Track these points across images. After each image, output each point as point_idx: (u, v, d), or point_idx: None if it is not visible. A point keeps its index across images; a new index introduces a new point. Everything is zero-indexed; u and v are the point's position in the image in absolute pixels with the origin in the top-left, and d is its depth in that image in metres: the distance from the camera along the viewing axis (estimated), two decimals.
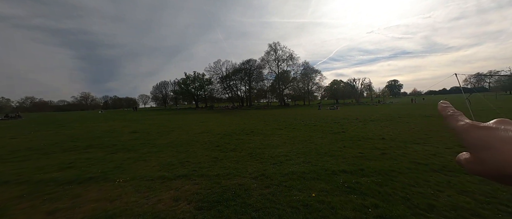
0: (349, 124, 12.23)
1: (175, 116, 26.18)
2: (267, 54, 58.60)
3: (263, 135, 9.07)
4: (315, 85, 61.26)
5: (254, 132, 9.90)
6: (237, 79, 61.28)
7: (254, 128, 11.76)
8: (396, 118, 14.07)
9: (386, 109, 24.59)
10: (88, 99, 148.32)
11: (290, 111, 30.40)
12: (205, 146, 6.97)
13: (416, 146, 5.97)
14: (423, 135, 7.51)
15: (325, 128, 10.67)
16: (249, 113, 27.65)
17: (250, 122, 15.16)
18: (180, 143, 7.61)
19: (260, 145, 6.75)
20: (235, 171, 4.28)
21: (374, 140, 6.93)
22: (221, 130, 11.29)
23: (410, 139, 6.88)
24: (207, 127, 13.04)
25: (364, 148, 5.93)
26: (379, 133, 8.33)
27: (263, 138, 8.23)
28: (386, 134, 8.15)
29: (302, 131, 9.96)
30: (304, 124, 12.68)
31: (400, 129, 9.19)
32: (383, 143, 6.44)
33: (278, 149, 6.10)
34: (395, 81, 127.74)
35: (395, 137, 7.32)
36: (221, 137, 8.76)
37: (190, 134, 9.92)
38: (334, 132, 9.02)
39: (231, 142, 7.51)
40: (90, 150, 6.89)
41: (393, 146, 5.99)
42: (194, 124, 15.34)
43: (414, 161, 4.54)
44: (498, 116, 0.33)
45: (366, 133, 8.44)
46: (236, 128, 11.75)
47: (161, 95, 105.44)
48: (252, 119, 18.28)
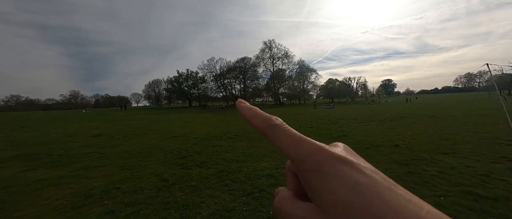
0: (349, 125, 10.77)
1: (162, 116, 24.25)
2: (262, 51, 57.01)
3: (249, 140, 7.46)
4: (311, 84, 60.16)
5: (239, 136, 8.27)
6: (231, 77, 59.43)
7: (241, 130, 10.14)
8: (399, 119, 12.72)
9: (384, 109, 23.40)
10: (77, 97, 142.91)
11: (285, 110, 28.91)
12: (167, 157, 5.29)
13: (446, 158, 4.47)
14: (443, 141, 6.06)
15: (323, 130, 9.15)
16: None
17: (239, 123, 13.53)
18: (138, 152, 5.90)
19: (240, 156, 5.14)
20: (177, 214, 2.63)
21: (386, 148, 5.42)
22: (203, 132, 9.62)
23: (431, 147, 5.40)
24: (189, 128, 11.33)
25: (378, 160, 4.40)
26: (388, 138, 6.86)
27: (248, 144, 6.62)
28: (397, 139, 6.66)
29: (300, 132, 8.40)
30: (299, 126, 11.14)
31: (411, 132, 7.75)
32: (400, 153, 4.93)
33: (261, 163, 4.49)
34: (389, 80, 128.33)
35: (411, 144, 5.84)
36: (196, 143, 7.09)
37: (162, 138, 8.21)
38: (334, 136, 7.49)
39: (204, 150, 5.84)
40: (10, 163, 5.11)
41: (416, 158, 4.48)
42: (177, 125, 13.59)
43: (466, 190, 2.97)
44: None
45: (372, 138, 6.94)
46: (221, 130, 10.10)
47: (154, 93, 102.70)
48: (241, 119, 16.62)
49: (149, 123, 15.57)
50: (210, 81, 63.21)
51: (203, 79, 63.89)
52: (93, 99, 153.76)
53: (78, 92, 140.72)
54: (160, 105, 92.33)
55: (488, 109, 16.09)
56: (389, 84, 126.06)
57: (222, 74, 59.54)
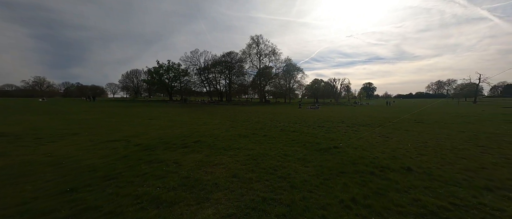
0: (337, 130, 9.28)
1: (130, 109, 21.08)
2: (249, 47, 54.61)
3: (210, 149, 5.48)
4: (297, 83, 59.39)
5: (200, 143, 6.24)
6: (216, 72, 56.37)
7: (209, 132, 8.11)
8: (388, 124, 11.61)
9: (368, 111, 22.78)
10: (43, 85, 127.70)
11: (269, 108, 27.26)
12: (46, 187, 3.12)
13: (489, 195, 2.94)
14: (462, 161, 4.63)
15: (308, 137, 7.47)
16: (222, 110, 23.76)
17: (212, 123, 11.45)
18: (13, 173, 3.63)
19: (177, 187, 3.15)
20: None
21: (397, 174, 3.79)
22: (156, 135, 7.41)
23: (455, 172, 3.87)
24: (144, 128, 9.00)
25: (393, 201, 2.73)
26: (390, 152, 5.33)
27: (204, 158, 4.65)
28: (402, 154, 5.15)
29: (275, 141, 6.62)
30: (280, 129, 9.39)
31: (411, 144, 6.37)
32: (422, 186, 3.30)
33: (204, 209, 2.56)
34: (370, 83, 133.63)
35: (425, 165, 4.31)
36: (129, 153, 4.93)
37: (90, 144, 5.88)
38: (322, 148, 5.79)
39: (123, 174, 3.71)
40: None
41: (447, 195, 2.87)
42: (135, 121, 11.09)
43: None
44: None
45: (370, 152, 5.37)
46: (182, 132, 7.97)
47: (132, 84, 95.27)
48: (219, 117, 14.53)
49: (104, 117, 12.80)
50: (193, 74, 59.57)
51: (186, 72, 59.88)
52: (62, 87, 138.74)
53: (43, 78, 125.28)
54: (135, 97, 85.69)
55: (467, 115, 15.89)
56: (369, 87, 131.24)
57: (207, 68, 56.32)
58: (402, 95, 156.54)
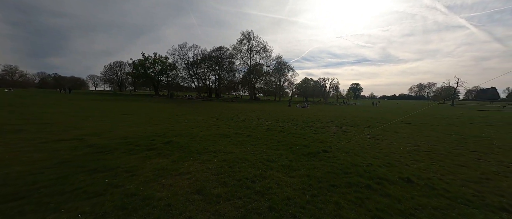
0: (325, 130, 8.76)
1: (107, 103, 19.31)
2: (239, 42, 53.26)
3: (181, 152, 4.62)
4: (287, 81, 59.19)
5: (170, 144, 5.34)
6: (206, 67, 54.42)
7: (186, 131, 7.19)
8: (376, 124, 11.34)
9: (355, 111, 22.83)
10: (14, 74, 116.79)
11: (258, 106, 26.54)
12: None
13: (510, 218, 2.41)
14: (462, 169, 4.17)
15: (295, 138, 6.82)
16: (209, 106, 22.65)
17: (195, 120, 10.49)
18: None
19: (115, 206, 2.30)
20: None
21: (397, 188, 3.18)
22: (123, 133, 6.37)
23: (460, 185, 3.36)
24: (111, 124, 7.86)
25: None
26: (385, 158, 4.80)
27: (169, 165, 3.79)
28: (398, 162, 4.62)
29: (259, 143, 5.88)
30: (266, 128, 8.68)
31: (404, 147, 5.92)
32: (430, 207, 2.72)
33: None
34: (357, 84, 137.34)
35: (424, 174, 3.77)
36: (69, 160, 3.94)
37: (34, 142, 4.78)
38: (310, 152, 5.13)
39: (49, 189, 2.75)
40: None
41: None
42: (108, 116, 9.82)
43: None
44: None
45: (363, 157, 4.79)
46: (156, 130, 6.99)
47: (115, 77, 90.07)
48: (203, 114, 13.53)
49: (71, 111, 11.32)
50: (181, 69, 57.13)
51: (173, 66, 57.20)
52: (37, 78, 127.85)
53: (15, 67, 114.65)
54: (117, 91, 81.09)
55: (449, 117, 16.23)
56: (357, 88, 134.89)
57: (196, 63, 54.23)
58: (386, 96, 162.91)
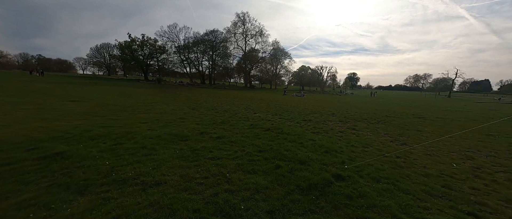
0: (328, 126, 6.89)
1: (66, 87, 16.73)
2: (234, 25, 49.27)
3: (148, 150, 2.65)
4: (284, 68, 56.51)
5: (47, 159, 3.33)
6: (199, 51, 50.81)
7: (127, 128, 5.13)
8: (386, 118, 9.57)
9: (357, 102, 21.03)
10: None
11: (251, 94, 24.41)
12: None
13: None
14: None
15: (288, 144, 4.88)
16: (196, 93, 20.38)
17: (161, 110, 8.40)
18: None
19: None
20: None
21: None
22: (27, 130, 4.29)
23: None
24: (32, 115, 5.72)
25: None
26: (451, 193, 2.97)
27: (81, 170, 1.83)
28: (480, 206, 2.82)
29: (229, 155, 3.94)
30: (250, 124, 6.70)
31: (458, 162, 4.12)
32: None
33: None
34: (354, 74, 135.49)
35: None
36: None
37: None
38: (311, 184, 3.21)
39: None
40: None
41: None
42: (43, 104, 7.60)
43: None
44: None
45: (414, 194, 2.94)
46: (80, 125, 4.93)
47: (103, 60, 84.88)
48: (180, 102, 11.39)
49: (28, 98, 8.99)
50: (172, 52, 53.28)
51: (164, 49, 53.15)
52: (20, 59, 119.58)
53: None
54: (101, 75, 76.58)
55: (460, 111, 14.68)
56: (354, 78, 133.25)
57: (187, 46, 50.48)
58: (382, 87, 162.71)
